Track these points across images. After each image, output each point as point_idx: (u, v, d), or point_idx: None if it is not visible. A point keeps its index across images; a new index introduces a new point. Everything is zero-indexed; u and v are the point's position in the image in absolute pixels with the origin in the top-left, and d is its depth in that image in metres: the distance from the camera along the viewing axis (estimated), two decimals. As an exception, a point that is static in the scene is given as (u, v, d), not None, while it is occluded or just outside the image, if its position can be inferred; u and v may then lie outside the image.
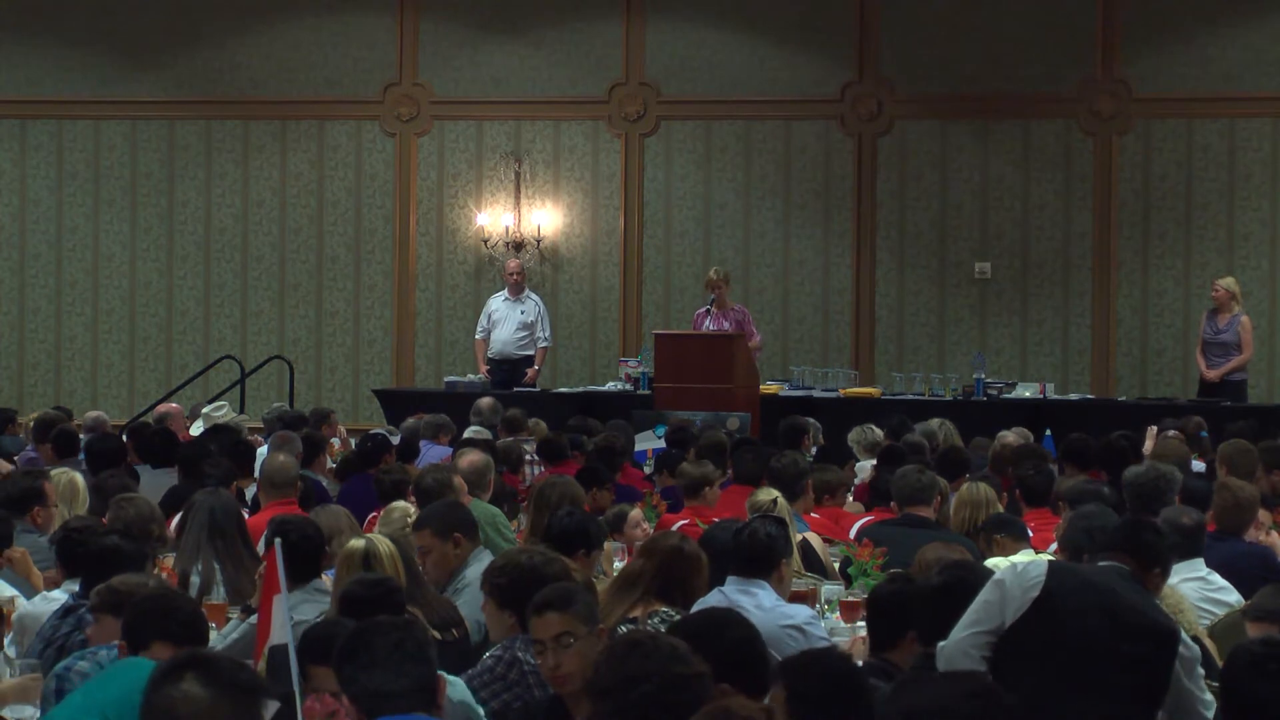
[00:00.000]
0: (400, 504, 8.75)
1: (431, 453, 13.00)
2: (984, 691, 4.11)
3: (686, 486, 10.30)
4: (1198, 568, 7.52)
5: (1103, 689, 5.51)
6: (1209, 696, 5.61)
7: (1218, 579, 7.52)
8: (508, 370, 17.92)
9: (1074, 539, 6.99)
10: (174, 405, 15.74)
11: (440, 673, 5.12)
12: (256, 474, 10.78)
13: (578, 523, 7.66)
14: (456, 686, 5.64)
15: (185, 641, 5.30)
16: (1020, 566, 5.77)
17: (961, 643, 5.58)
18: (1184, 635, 5.66)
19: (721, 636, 5.07)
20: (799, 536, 8.54)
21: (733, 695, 4.62)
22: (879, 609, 6.25)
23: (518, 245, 19.29)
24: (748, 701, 4.50)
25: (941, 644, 5.64)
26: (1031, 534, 8.64)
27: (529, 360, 18.08)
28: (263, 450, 12.17)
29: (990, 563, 7.54)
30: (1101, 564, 5.84)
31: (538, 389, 17.69)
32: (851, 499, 11.16)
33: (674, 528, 8.64)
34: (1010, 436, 13.05)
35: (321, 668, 5.13)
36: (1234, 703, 4.71)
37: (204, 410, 15.41)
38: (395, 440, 12.84)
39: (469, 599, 7.33)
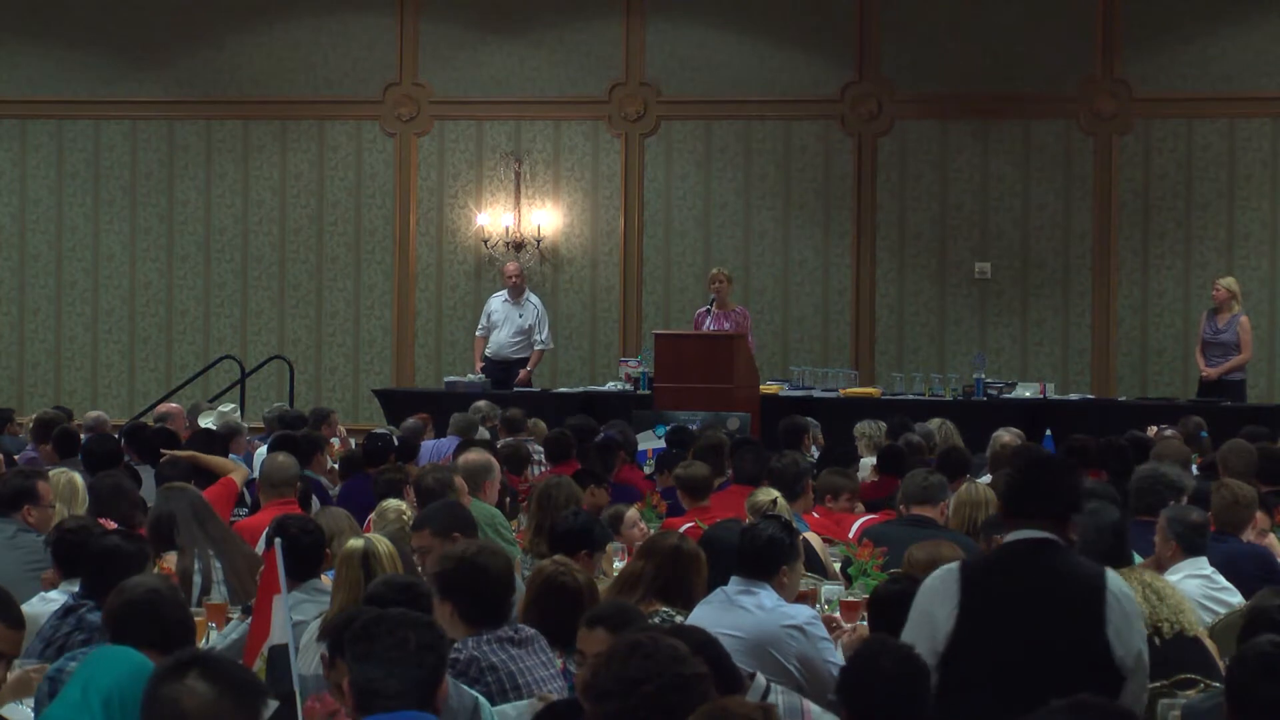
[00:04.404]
0: (394, 502, 8.73)
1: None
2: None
3: (690, 488, 10.24)
4: (1201, 565, 7.51)
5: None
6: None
7: (1221, 579, 7.51)
8: (502, 371, 17.91)
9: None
10: (174, 405, 15.71)
11: (476, 695, 5.12)
12: (255, 474, 10.77)
13: (582, 524, 7.69)
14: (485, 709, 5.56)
15: (170, 649, 5.08)
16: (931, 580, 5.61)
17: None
18: (1112, 584, 5.44)
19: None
20: (799, 537, 8.51)
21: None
22: (882, 609, 6.26)
23: (518, 245, 19.27)
24: (745, 700, 4.50)
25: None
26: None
27: (523, 363, 18.05)
28: (262, 450, 12.15)
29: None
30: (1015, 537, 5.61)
31: (537, 389, 17.67)
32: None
33: (681, 529, 8.63)
34: (1006, 436, 13.03)
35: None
36: (1240, 703, 4.67)
37: (218, 409, 15.34)
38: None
39: (468, 599, 7.30)
